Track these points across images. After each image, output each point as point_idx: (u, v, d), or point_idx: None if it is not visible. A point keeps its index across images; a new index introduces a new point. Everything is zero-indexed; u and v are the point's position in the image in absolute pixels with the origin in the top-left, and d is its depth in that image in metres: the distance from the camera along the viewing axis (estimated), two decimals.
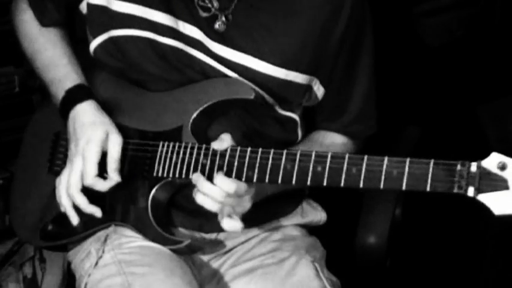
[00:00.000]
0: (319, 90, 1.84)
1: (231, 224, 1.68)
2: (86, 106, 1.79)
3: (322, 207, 2.00)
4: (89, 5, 1.82)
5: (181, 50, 1.77)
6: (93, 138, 1.74)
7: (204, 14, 1.76)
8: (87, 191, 1.77)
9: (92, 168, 1.73)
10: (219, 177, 1.64)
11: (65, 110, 1.81)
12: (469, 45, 2.75)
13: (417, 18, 2.71)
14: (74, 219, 1.79)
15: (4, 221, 2.41)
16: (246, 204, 1.68)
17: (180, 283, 1.71)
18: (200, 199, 1.66)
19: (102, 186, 1.75)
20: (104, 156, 1.76)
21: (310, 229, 1.97)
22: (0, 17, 2.28)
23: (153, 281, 1.70)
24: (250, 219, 1.85)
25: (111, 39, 1.80)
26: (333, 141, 1.88)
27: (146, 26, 1.77)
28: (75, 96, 1.81)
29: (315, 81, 1.82)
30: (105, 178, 1.76)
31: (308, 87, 1.82)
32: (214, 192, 1.64)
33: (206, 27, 1.76)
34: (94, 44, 1.83)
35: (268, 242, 1.86)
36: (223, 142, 1.68)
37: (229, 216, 1.68)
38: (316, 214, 1.98)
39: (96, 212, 1.77)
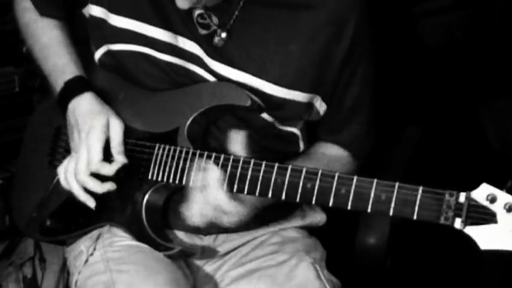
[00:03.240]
0: (321, 106, 1.82)
1: None
2: (84, 98, 1.79)
3: (322, 208, 2.00)
4: (90, 16, 1.82)
5: (180, 66, 1.76)
6: (95, 125, 1.74)
7: (203, 32, 1.75)
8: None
9: (97, 154, 1.73)
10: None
11: (63, 101, 1.81)
12: (469, 46, 2.75)
13: (417, 18, 2.71)
14: (90, 203, 1.77)
15: (4, 221, 2.41)
16: (225, 218, 1.66)
17: (164, 282, 1.71)
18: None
19: (108, 170, 1.74)
20: (107, 142, 1.76)
21: (310, 230, 1.96)
22: (0, 17, 2.28)
23: (136, 278, 1.71)
24: (250, 222, 1.85)
25: (110, 53, 1.80)
26: (335, 154, 1.86)
27: (144, 42, 1.76)
28: (73, 88, 1.81)
29: (316, 98, 1.80)
30: (110, 162, 1.75)
31: (309, 105, 1.80)
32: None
33: (205, 44, 1.75)
34: (97, 55, 1.83)
35: (268, 245, 1.86)
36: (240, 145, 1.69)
37: None
38: (315, 216, 1.97)
39: (111, 187, 1.75)
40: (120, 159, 1.75)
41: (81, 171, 1.74)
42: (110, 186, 1.75)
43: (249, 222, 1.74)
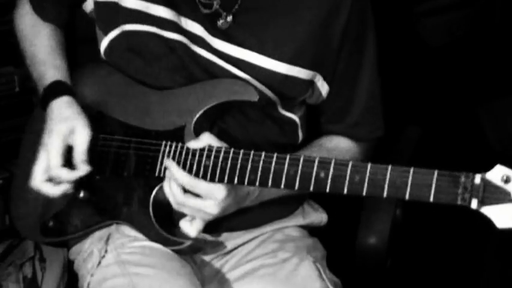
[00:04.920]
0: (323, 86, 1.83)
1: (185, 227, 1.71)
2: (59, 102, 1.80)
3: (323, 208, 2.00)
4: (98, 3, 1.82)
5: (186, 45, 1.77)
6: (54, 131, 1.75)
7: (206, 11, 1.76)
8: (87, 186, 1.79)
9: (55, 159, 1.73)
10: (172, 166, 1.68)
11: (43, 107, 1.82)
12: (469, 45, 2.75)
13: (417, 18, 2.71)
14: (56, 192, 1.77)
15: (4, 221, 2.41)
16: (211, 209, 1.67)
17: (186, 284, 1.71)
18: (166, 189, 1.70)
19: (68, 176, 1.74)
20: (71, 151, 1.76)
21: (311, 230, 1.97)
22: (0, 17, 2.28)
23: (159, 282, 1.71)
24: (251, 220, 1.85)
25: (124, 34, 1.80)
26: (337, 145, 1.87)
27: (152, 21, 1.77)
28: (50, 93, 1.81)
29: (318, 77, 1.81)
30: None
31: (311, 83, 1.81)
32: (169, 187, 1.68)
33: (207, 23, 1.76)
34: (106, 41, 1.83)
35: (270, 243, 1.86)
36: (200, 142, 1.69)
37: (191, 219, 1.70)
38: (317, 215, 1.98)
39: (66, 188, 1.75)
40: (82, 167, 1.75)
41: (37, 177, 1.75)
42: (64, 188, 1.75)
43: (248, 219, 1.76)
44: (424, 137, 2.33)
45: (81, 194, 1.83)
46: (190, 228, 1.70)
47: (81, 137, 1.75)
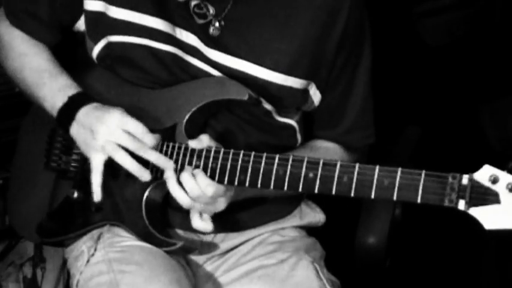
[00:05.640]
0: (315, 95, 1.83)
1: (200, 225, 1.70)
2: (94, 104, 1.77)
3: (322, 207, 2.00)
4: (87, 12, 1.81)
5: (178, 56, 1.77)
6: (124, 116, 1.71)
7: (200, 21, 1.76)
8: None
9: (151, 136, 1.70)
10: (200, 177, 1.65)
11: (69, 112, 1.78)
12: (469, 45, 2.75)
13: (417, 18, 2.71)
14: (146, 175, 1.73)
15: (4, 221, 2.41)
16: (220, 205, 1.69)
17: (167, 282, 1.71)
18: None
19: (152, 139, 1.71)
20: None
21: (310, 230, 1.97)
22: None
23: (141, 279, 1.71)
24: (248, 221, 1.86)
25: (110, 45, 1.80)
26: (327, 149, 1.87)
27: (143, 33, 1.76)
28: (81, 99, 1.78)
29: (311, 85, 1.81)
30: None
31: (304, 92, 1.81)
32: (191, 187, 1.65)
33: (202, 34, 1.75)
34: (96, 50, 1.83)
35: (267, 244, 1.86)
36: (201, 142, 1.69)
37: (200, 215, 1.69)
38: (314, 215, 1.98)
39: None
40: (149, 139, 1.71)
41: (147, 137, 1.70)
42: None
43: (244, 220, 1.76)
44: (424, 137, 2.33)
45: (75, 195, 1.83)
46: (206, 223, 1.70)
47: (134, 119, 1.73)
